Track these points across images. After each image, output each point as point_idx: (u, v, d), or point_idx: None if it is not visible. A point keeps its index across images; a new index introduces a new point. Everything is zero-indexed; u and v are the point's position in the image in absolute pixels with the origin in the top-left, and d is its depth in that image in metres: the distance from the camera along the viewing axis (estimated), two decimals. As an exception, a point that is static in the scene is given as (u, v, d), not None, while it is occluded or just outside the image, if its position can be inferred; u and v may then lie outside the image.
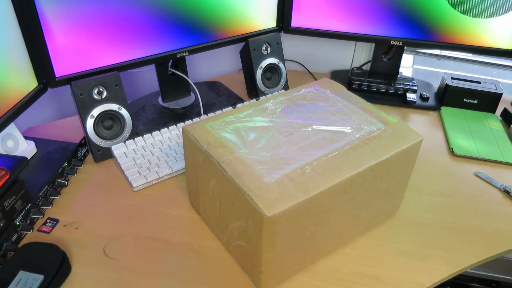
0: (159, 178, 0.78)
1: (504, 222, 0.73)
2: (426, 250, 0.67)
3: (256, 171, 0.55)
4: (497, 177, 0.84)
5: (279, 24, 1.03)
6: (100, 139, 0.83)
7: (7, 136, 0.76)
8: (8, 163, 0.65)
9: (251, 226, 0.53)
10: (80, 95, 0.79)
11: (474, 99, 1.04)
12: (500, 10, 0.92)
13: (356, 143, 0.61)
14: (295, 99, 0.71)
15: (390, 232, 0.70)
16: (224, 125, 0.64)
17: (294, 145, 0.60)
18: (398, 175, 0.65)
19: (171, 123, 0.94)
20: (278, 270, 0.58)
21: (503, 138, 0.95)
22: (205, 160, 0.60)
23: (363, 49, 1.20)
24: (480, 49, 0.99)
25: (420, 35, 1.00)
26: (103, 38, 0.79)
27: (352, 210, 0.62)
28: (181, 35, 0.89)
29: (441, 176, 0.84)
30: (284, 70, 1.06)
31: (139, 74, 1.15)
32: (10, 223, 0.64)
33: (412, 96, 1.06)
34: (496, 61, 1.29)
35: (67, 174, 0.78)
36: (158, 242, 0.67)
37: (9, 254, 0.63)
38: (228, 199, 0.57)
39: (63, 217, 0.71)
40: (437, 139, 0.95)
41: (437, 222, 0.73)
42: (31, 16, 0.70)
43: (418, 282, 0.62)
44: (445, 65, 1.37)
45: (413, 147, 0.63)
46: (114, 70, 0.83)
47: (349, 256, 0.66)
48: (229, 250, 0.65)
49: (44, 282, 0.57)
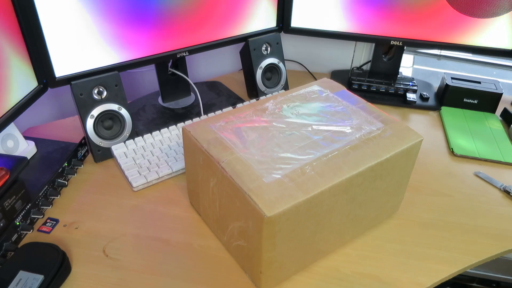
0: (159, 178, 0.78)
1: (504, 222, 0.73)
2: (426, 250, 0.67)
3: (256, 171, 0.55)
4: (497, 177, 0.84)
5: (279, 24, 1.03)
6: (100, 139, 0.83)
7: (7, 136, 0.76)
8: (8, 163, 0.65)
9: (251, 226, 0.53)
10: (80, 95, 0.79)
11: (474, 99, 1.04)
12: (500, 10, 0.92)
13: (356, 143, 0.61)
14: (295, 99, 0.71)
15: (390, 232, 0.70)
16: (224, 125, 0.64)
17: (294, 145, 0.60)
18: (398, 175, 0.65)
19: (171, 123, 0.94)
20: (278, 270, 0.58)
21: (503, 138, 0.95)
22: (205, 160, 0.60)
23: (363, 49, 1.20)
24: (480, 49, 0.99)
25: (420, 35, 1.00)
26: (103, 38, 0.79)
27: (352, 210, 0.62)
28: (181, 35, 0.89)
29: (441, 176, 0.84)
30: (284, 70, 1.05)
31: (139, 74, 1.15)
32: (10, 223, 0.64)
33: (412, 96, 1.06)
34: (496, 61, 1.29)
35: (67, 174, 0.78)
36: (158, 242, 0.67)
37: (9, 254, 0.63)
38: (228, 199, 0.57)
39: (63, 217, 0.71)
40: (437, 139, 0.95)
41: (437, 222, 0.73)
42: (31, 16, 0.70)
43: (418, 282, 0.62)
44: (445, 65, 1.37)
45: (413, 147, 0.63)
46: (114, 70, 0.83)
47: (349, 256, 0.66)
48: (229, 250, 0.65)
49: (44, 282, 0.57)
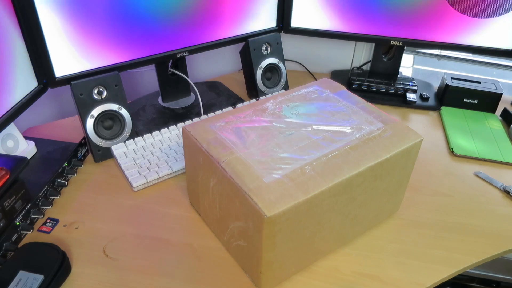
0: (159, 178, 0.78)
1: (504, 222, 0.73)
2: (426, 250, 0.67)
3: (256, 171, 0.55)
4: (497, 177, 0.84)
5: (279, 24, 1.03)
6: (100, 139, 0.83)
7: (7, 136, 0.76)
8: (8, 163, 0.65)
9: (251, 226, 0.53)
10: (80, 95, 0.79)
11: (474, 99, 1.04)
12: (500, 10, 0.92)
13: (356, 143, 0.61)
14: (295, 99, 0.71)
15: (390, 232, 0.70)
16: (224, 125, 0.64)
17: (294, 145, 0.60)
18: (398, 175, 0.65)
19: (171, 123, 0.94)
20: (278, 270, 0.58)
21: (503, 138, 0.95)
22: (205, 160, 0.60)
23: (363, 49, 1.20)
24: (480, 49, 0.99)
25: (420, 35, 1.00)
26: (103, 38, 0.79)
27: (352, 210, 0.62)
28: (181, 35, 0.89)
29: (441, 176, 0.84)
30: (284, 70, 1.05)
31: (139, 74, 1.15)
32: (10, 223, 0.64)
33: (412, 96, 1.06)
34: (496, 61, 1.29)
35: (67, 174, 0.78)
36: (158, 242, 0.67)
37: (9, 254, 0.63)
38: (228, 199, 0.57)
39: (63, 217, 0.71)
40: (437, 139, 0.95)
41: (437, 222, 0.73)
42: (31, 16, 0.70)
43: (418, 282, 0.62)
44: (445, 65, 1.37)
45: (413, 147, 0.63)
46: (114, 70, 0.83)
47: (349, 256, 0.66)
48: (229, 250, 0.65)
49: (44, 282, 0.57)
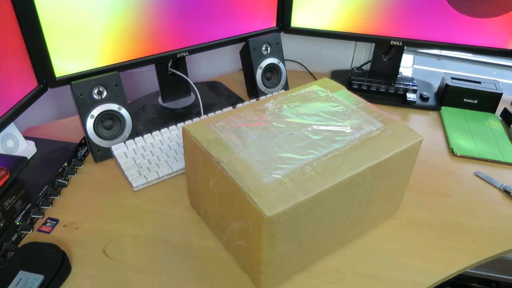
0: (159, 178, 0.78)
1: (504, 222, 0.73)
2: (426, 250, 0.67)
3: (256, 171, 0.55)
4: (497, 177, 0.84)
5: (279, 24, 1.03)
6: (100, 139, 0.83)
7: (7, 136, 0.76)
8: (8, 163, 0.65)
9: (251, 226, 0.53)
10: (80, 95, 0.79)
11: (474, 99, 1.04)
12: (500, 10, 0.92)
13: (356, 143, 0.61)
14: (295, 99, 0.71)
15: (390, 232, 0.70)
16: (224, 125, 0.64)
17: (294, 145, 0.60)
18: (398, 175, 0.65)
19: (171, 123, 0.94)
20: (278, 270, 0.58)
21: (503, 138, 0.95)
22: (205, 160, 0.60)
23: (363, 49, 1.20)
24: (480, 49, 0.99)
25: (420, 35, 1.00)
26: (103, 37, 0.79)
27: (352, 210, 0.62)
28: (181, 35, 0.89)
29: (441, 176, 0.84)
30: (284, 70, 1.05)
31: (139, 74, 1.15)
32: (10, 223, 0.64)
33: (412, 96, 1.06)
34: (496, 61, 1.29)
35: (67, 174, 0.78)
36: (158, 242, 0.67)
37: (9, 254, 0.63)
38: (228, 199, 0.57)
39: (63, 217, 0.71)
40: (437, 139, 0.95)
41: (437, 222, 0.73)
42: (31, 16, 0.70)
43: (418, 282, 0.62)
44: (445, 65, 1.37)
45: (413, 147, 0.63)
46: (114, 70, 0.83)
47: (349, 256, 0.66)
48: (229, 250, 0.65)
49: (44, 282, 0.57)
